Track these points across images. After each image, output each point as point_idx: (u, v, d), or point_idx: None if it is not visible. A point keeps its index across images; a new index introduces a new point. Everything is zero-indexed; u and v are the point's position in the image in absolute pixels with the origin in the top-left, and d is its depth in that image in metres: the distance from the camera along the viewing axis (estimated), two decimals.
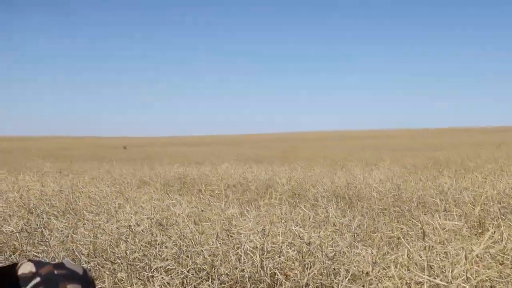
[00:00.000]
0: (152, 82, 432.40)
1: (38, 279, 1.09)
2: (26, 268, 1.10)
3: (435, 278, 3.51)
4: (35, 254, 4.73)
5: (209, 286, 4.20)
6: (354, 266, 4.08)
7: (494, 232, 4.02)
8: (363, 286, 3.81)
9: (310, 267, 4.17)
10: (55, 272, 1.10)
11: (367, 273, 3.89)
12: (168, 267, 4.36)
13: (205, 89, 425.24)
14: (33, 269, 1.10)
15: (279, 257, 4.29)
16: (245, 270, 4.23)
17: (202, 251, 4.45)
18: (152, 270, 4.33)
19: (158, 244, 4.69)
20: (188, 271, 4.29)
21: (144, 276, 4.35)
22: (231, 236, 4.80)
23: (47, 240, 5.07)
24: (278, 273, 4.11)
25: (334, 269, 4.21)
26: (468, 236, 4.76)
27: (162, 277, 4.15)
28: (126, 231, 4.95)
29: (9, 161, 25.39)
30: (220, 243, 4.54)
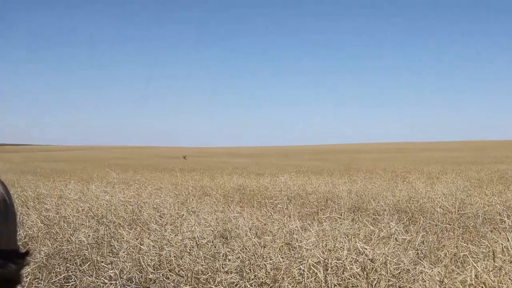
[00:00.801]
0: (210, 93, 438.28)
1: None
2: None
3: None
4: (105, 265, 4.86)
5: None
6: (420, 285, 4.00)
7: None
8: None
9: (375, 284, 4.11)
10: None
11: None
12: (231, 280, 4.40)
13: (264, 101, 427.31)
14: None
15: (343, 273, 4.26)
16: (308, 286, 4.22)
17: (264, 264, 4.48)
18: (216, 283, 4.38)
19: (222, 257, 4.74)
20: (250, 285, 4.32)
21: None
22: (293, 250, 4.80)
23: (115, 250, 5.22)
24: None
25: (399, 287, 4.14)
26: None
27: None
28: (190, 243, 5.04)
29: (78, 170, 26.25)
30: (282, 257, 4.55)
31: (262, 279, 4.43)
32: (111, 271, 4.47)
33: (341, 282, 4.21)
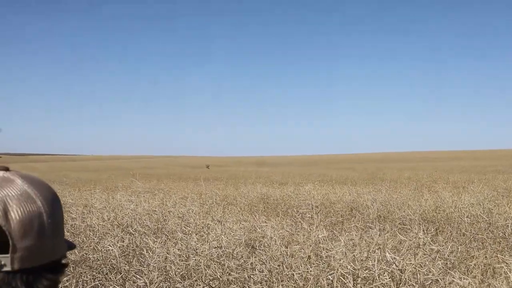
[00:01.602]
0: (232, 102, 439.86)
1: None
2: None
3: None
4: (134, 274, 4.87)
5: None
6: None
7: None
8: None
9: None
10: None
11: None
12: None
13: (291, 110, 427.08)
14: None
15: (372, 283, 4.21)
16: None
17: (293, 274, 4.44)
18: None
19: (249, 266, 4.71)
20: None
21: None
22: (320, 260, 4.76)
23: (141, 259, 5.22)
24: None
25: None
26: None
27: None
28: (217, 252, 5.02)
29: (103, 180, 26.48)
30: (310, 267, 4.51)
31: None
32: (140, 281, 4.46)
33: None
